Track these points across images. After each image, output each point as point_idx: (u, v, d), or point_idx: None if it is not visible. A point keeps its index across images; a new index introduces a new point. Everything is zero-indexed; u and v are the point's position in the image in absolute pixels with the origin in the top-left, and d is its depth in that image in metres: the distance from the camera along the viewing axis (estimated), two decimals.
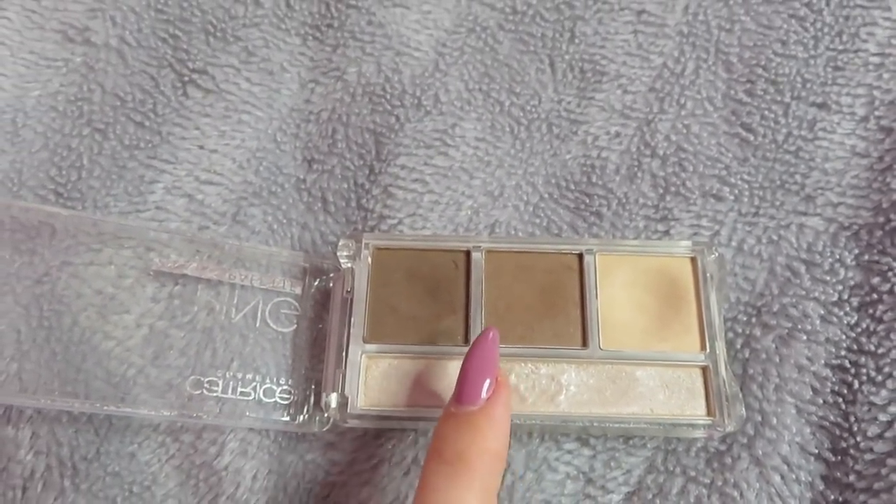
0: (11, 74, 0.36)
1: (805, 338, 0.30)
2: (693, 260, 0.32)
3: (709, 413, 0.29)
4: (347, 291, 0.32)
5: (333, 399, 0.30)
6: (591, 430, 0.31)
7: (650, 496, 0.29)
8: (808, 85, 0.34)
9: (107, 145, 0.35)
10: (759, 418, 0.29)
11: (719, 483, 0.28)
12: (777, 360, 0.30)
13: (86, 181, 0.34)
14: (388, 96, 0.36)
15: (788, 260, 0.32)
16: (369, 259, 0.33)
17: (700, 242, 0.32)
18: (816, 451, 0.28)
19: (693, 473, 0.29)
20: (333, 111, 0.36)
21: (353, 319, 0.32)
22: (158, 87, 0.36)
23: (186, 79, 0.36)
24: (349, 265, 0.32)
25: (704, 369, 0.30)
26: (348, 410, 0.30)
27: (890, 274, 0.30)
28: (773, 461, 0.28)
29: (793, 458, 0.28)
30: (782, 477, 0.28)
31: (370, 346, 0.31)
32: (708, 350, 0.30)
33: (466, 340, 0.31)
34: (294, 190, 0.34)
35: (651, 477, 0.29)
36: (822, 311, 0.30)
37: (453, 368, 0.30)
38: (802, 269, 0.31)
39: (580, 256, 0.32)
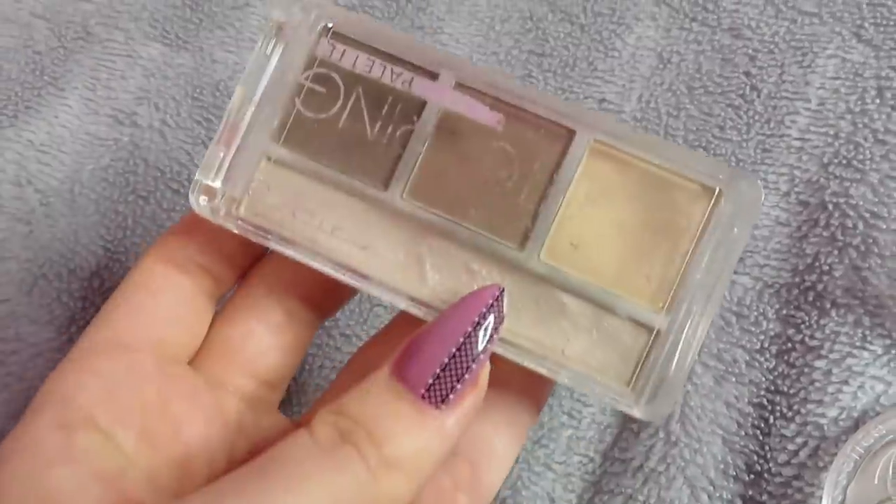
0: (70, 152, 0.43)
1: (734, 379, 0.35)
2: (715, 193, 0.23)
3: (629, 385, 0.23)
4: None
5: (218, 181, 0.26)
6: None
7: None
8: (741, 164, 0.40)
9: (148, 209, 0.41)
10: (697, 446, 0.34)
11: (652, 501, 0.34)
12: (713, 396, 0.35)
13: (130, 238, 0.40)
14: None
15: (723, 311, 0.37)
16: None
17: (737, 171, 0.24)
18: (735, 474, 0.34)
19: (630, 492, 0.34)
20: None
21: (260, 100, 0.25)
22: (193, 160, 0.42)
23: None
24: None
25: (656, 334, 0.23)
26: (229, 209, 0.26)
27: (803, 326, 0.36)
28: (702, 483, 0.34)
29: (717, 479, 0.34)
30: (709, 496, 0.33)
31: (281, 151, 0.25)
32: (668, 311, 0.23)
33: (387, 181, 0.24)
34: None
35: (598, 497, 0.34)
36: (748, 357, 0.36)
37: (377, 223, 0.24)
38: (734, 319, 0.37)
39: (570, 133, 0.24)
